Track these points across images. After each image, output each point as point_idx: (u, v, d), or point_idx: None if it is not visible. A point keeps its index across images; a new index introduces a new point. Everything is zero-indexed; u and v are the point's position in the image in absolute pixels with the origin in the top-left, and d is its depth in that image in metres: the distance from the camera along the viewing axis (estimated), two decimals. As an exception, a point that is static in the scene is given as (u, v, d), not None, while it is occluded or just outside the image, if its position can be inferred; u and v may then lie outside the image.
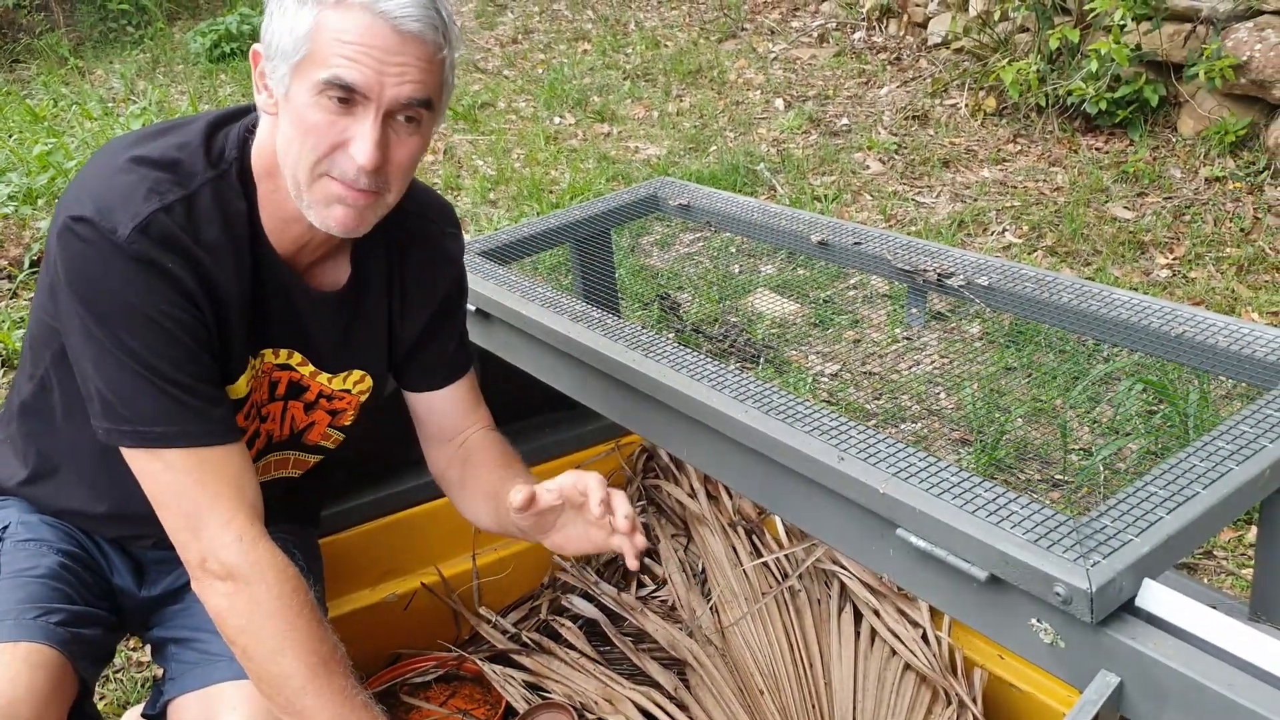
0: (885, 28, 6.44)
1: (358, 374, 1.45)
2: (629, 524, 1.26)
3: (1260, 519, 1.19)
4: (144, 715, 1.47)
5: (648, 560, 2.21)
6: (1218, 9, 4.39)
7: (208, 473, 1.21)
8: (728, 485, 2.09)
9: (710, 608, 2.00)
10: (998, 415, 2.89)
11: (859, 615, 1.90)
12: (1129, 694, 0.96)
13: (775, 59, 6.48)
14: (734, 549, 2.06)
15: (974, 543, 1.02)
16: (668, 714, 1.83)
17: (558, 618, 2.10)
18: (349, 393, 1.45)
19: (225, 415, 1.24)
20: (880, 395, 3.13)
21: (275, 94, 1.20)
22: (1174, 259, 3.86)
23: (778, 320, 3.56)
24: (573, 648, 2.02)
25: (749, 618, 1.92)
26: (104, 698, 2.15)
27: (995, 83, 5.16)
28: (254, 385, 1.35)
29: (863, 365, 3.30)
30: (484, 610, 2.12)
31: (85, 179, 1.20)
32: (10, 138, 5.76)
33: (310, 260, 1.34)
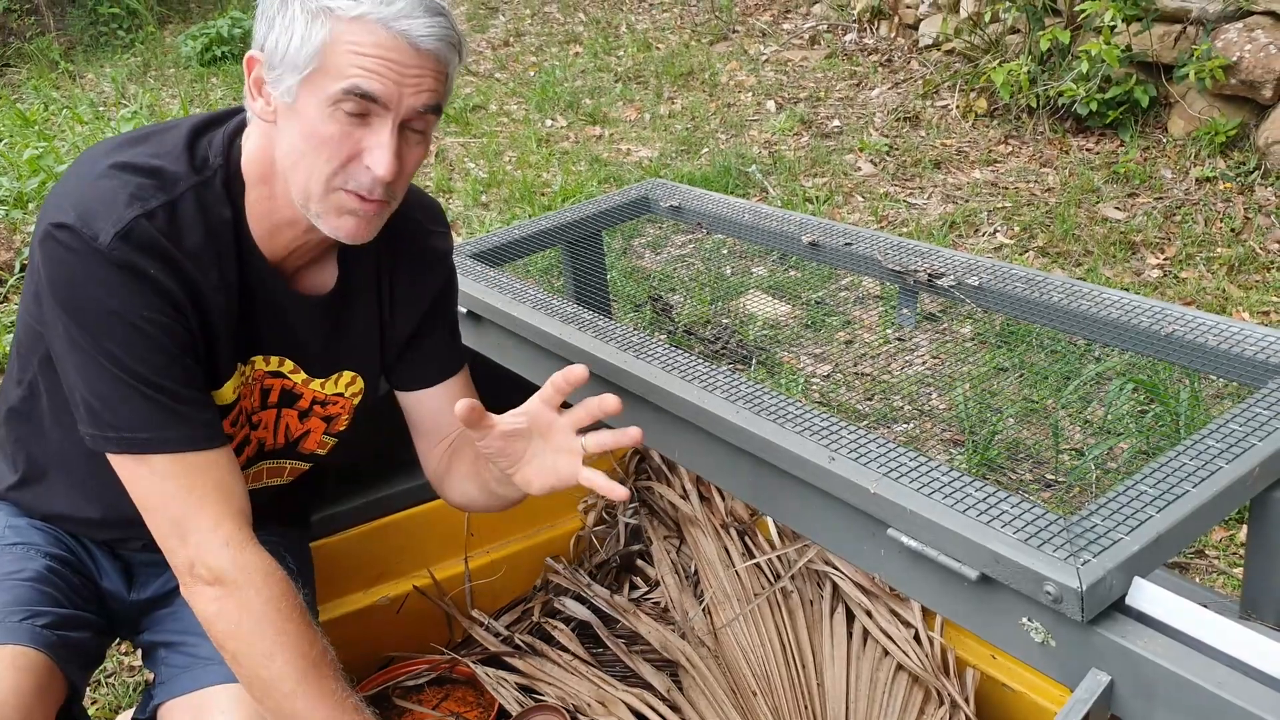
0: (876, 29, 6.45)
1: (348, 375, 1.44)
2: (598, 445, 1.25)
3: (1250, 517, 1.19)
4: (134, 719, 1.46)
5: (640, 562, 2.21)
6: (1207, 10, 4.40)
7: (194, 478, 1.21)
8: (720, 486, 2.09)
9: (703, 609, 2.00)
10: (989, 415, 2.90)
11: (851, 616, 1.90)
12: (1120, 692, 0.96)
13: (766, 61, 6.48)
14: (726, 550, 2.06)
15: (965, 542, 1.02)
16: (660, 716, 1.83)
17: (550, 620, 2.10)
18: (342, 396, 1.45)
19: (211, 420, 1.24)
20: (872, 396, 3.14)
21: (275, 102, 1.18)
22: (1165, 259, 3.87)
23: (770, 322, 3.56)
24: (565, 650, 2.02)
25: (741, 619, 1.92)
26: (95, 702, 2.14)
27: (986, 84, 5.18)
28: (243, 392, 1.34)
29: (855, 366, 3.31)
30: (476, 613, 2.12)
31: (67, 185, 1.20)
32: (0, 142, 5.74)
33: (298, 264, 1.34)
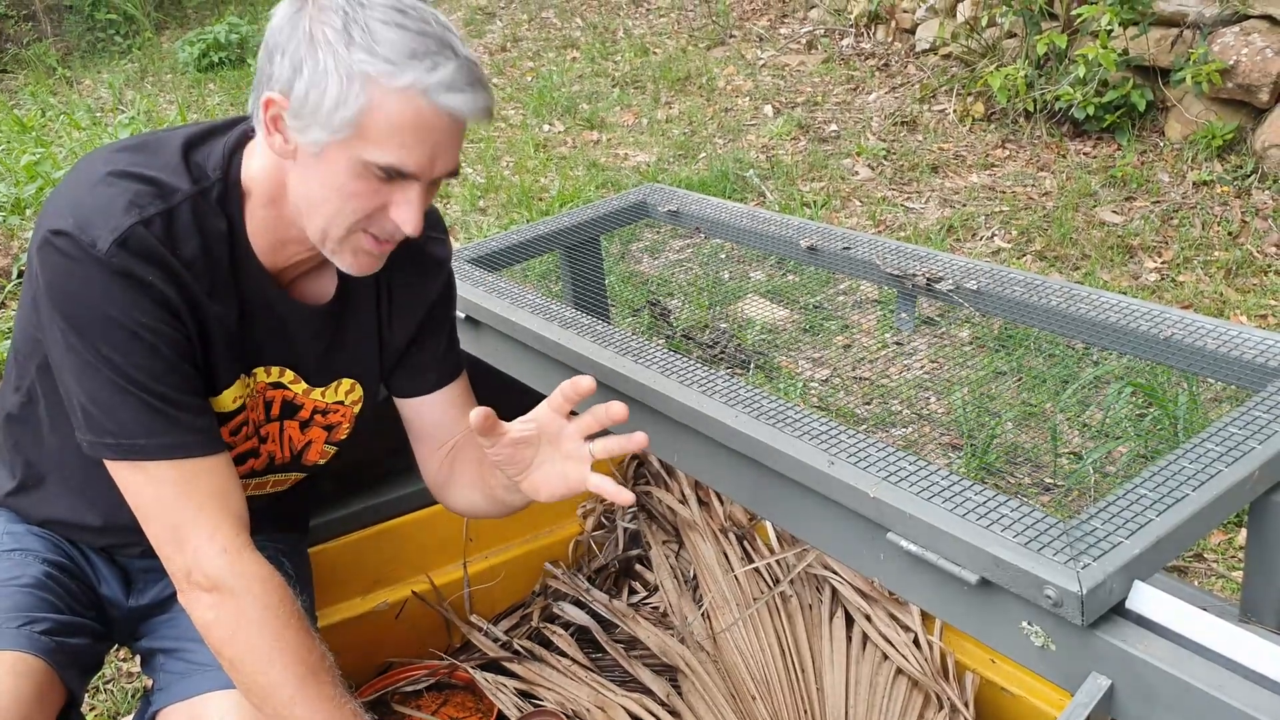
0: (873, 34, 6.46)
1: (347, 383, 1.44)
2: (605, 451, 1.25)
3: (1249, 520, 1.19)
4: (133, 726, 1.46)
5: (638, 567, 2.21)
6: (1204, 14, 4.41)
7: (191, 484, 1.20)
8: (718, 491, 2.09)
9: (702, 614, 2.00)
10: (988, 420, 2.90)
11: (850, 620, 1.90)
12: (1120, 696, 0.96)
13: (764, 66, 6.49)
14: (725, 555, 2.06)
15: (965, 546, 1.02)
16: (660, 721, 1.83)
17: (549, 625, 2.10)
18: (342, 404, 1.45)
19: (208, 427, 1.23)
20: (870, 400, 3.14)
21: (295, 143, 1.16)
22: (1162, 263, 3.87)
23: (768, 326, 3.56)
24: (564, 655, 2.02)
25: (740, 623, 1.92)
26: (94, 709, 2.14)
27: (983, 88, 5.18)
28: (250, 404, 1.34)
29: (853, 371, 3.31)
30: (475, 618, 2.11)
31: (65, 192, 1.20)
32: (-2, 148, 5.74)
33: (298, 274, 1.33)
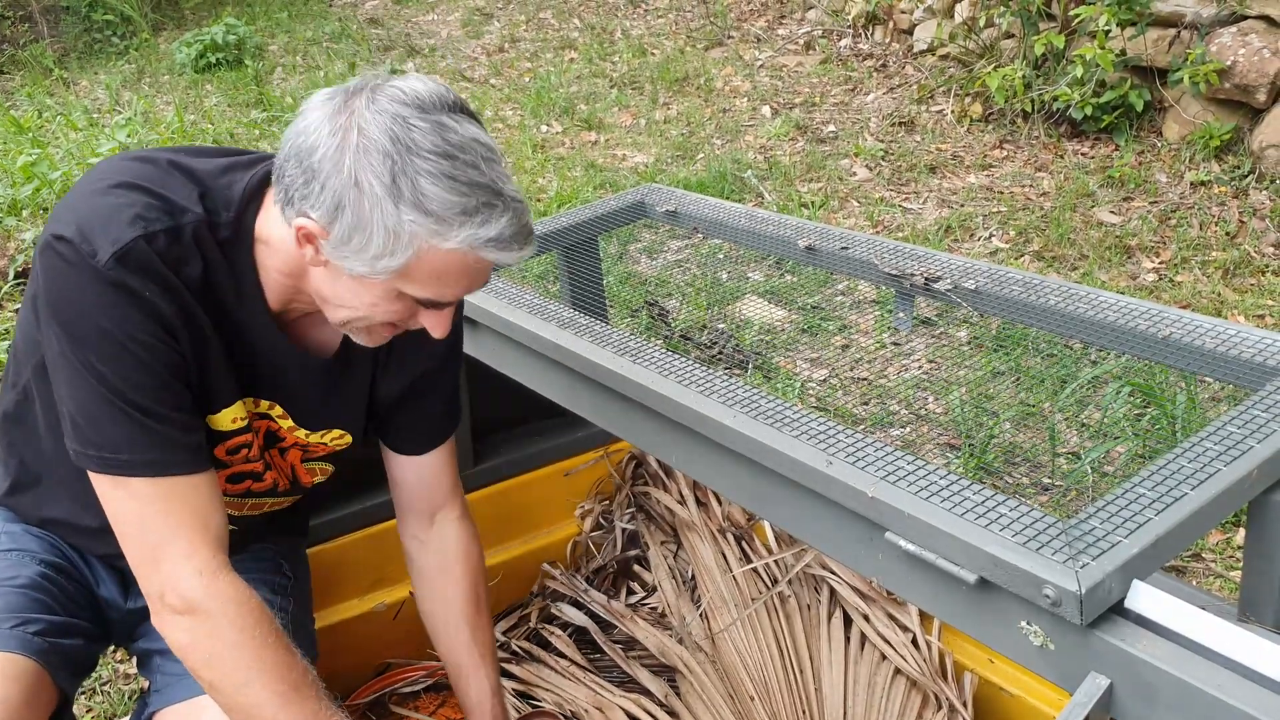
0: (871, 35, 6.46)
1: (336, 432, 1.43)
2: None
3: (1248, 519, 1.19)
4: (130, 728, 1.46)
5: (637, 567, 2.21)
6: (1202, 14, 4.41)
7: (172, 503, 1.18)
8: (717, 491, 2.09)
9: (700, 614, 1.99)
10: (986, 420, 2.90)
11: (849, 620, 1.90)
12: (1119, 696, 0.95)
13: (762, 66, 6.49)
14: (723, 555, 2.06)
15: (963, 545, 1.02)
16: (658, 721, 1.82)
17: (547, 626, 2.09)
18: (324, 444, 1.44)
19: (195, 445, 1.22)
20: (868, 401, 3.14)
21: (329, 260, 1.13)
22: (1160, 263, 3.87)
23: (766, 327, 3.56)
24: (562, 656, 2.01)
25: (739, 624, 1.92)
26: (90, 710, 2.13)
27: (981, 89, 5.19)
28: (257, 426, 1.34)
29: (851, 371, 3.31)
30: (473, 619, 2.11)
31: (74, 197, 1.18)
32: (-6, 149, 5.73)
33: (302, 315, 1.31)
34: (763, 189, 4.82)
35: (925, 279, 1.64)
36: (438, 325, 1.21)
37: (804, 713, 1.77)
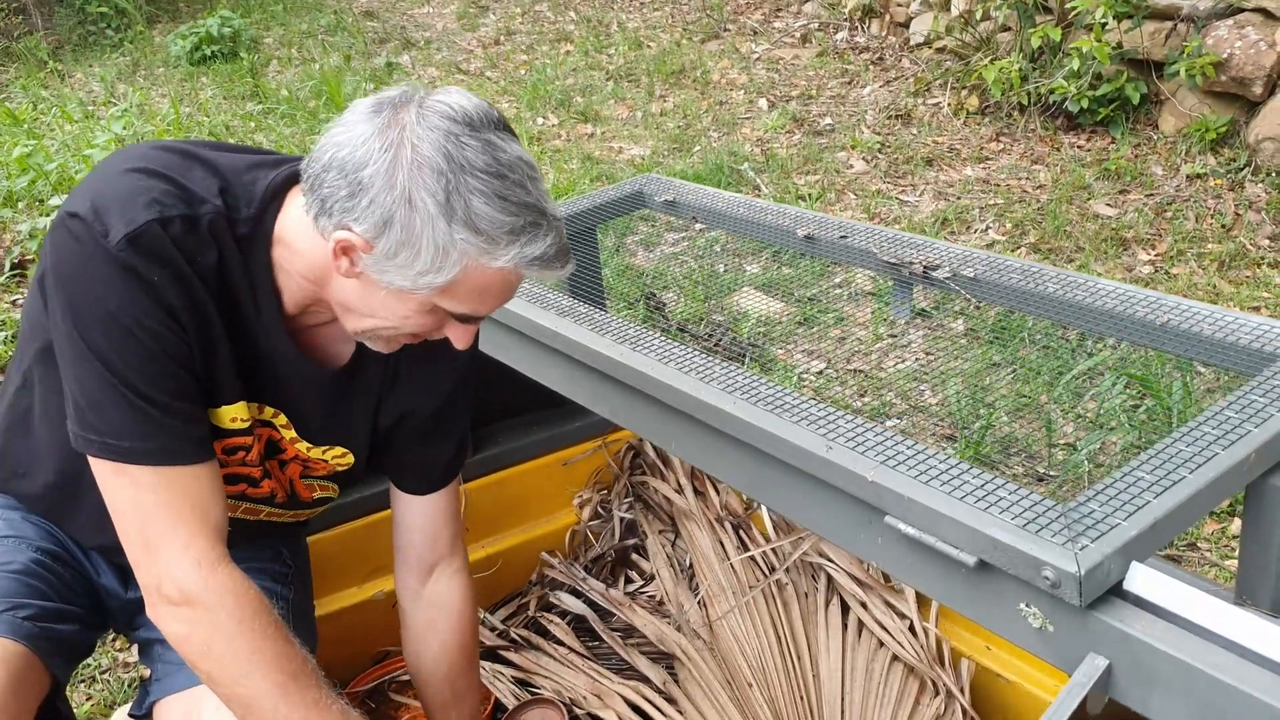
0: (867, 28, 6.46)
1: (339, 450, 1.41)
2: None
3: (1245, 503, 1.20)
4: (131, 715, 1.46)
5: (635, 556, 2.22)
6: (1198, 7, 4.42)
7: (172, 493, 1.17)
8: (716, 477, 2.09)
9: (698, 602, 2.00)
10: (982, 410, 2.90)
11: (846, 607, 1.90)
12: (1117, 676, 0.96)
13: (758, 59, 6.49)
14: (721, 543, 2.06)
15: (962, 528, 1.02)
16: (656, 708, 1.83)
17: (546, 614, 2.10)
18: (325, 462, 1.42)
19: (199, 435, 1.20)
20: (865, 392, 3.14)
21: (365, 272, 1.13)
22: (1156, 255, 3.88)
23: (763, 318, 3.56)
24: (561, 643, 2.02)
25: (737, 611, 1.92)
26: (90, 698, 2.14)
27: (978, 81, 5.19)
28: (259, 433, 1.32)
29: (848, 363, 3.31)
30: (472, 608, 2.11)
31: (93, 177, 1.17)
32: (-11, 141, 5.72)
33: (315, 323, 1.30)
34: (759, 182, 4.82)
35: (924, 267, 1.65)
36: (463, 338, 1.22)
37: (801, 699, 1.78)
